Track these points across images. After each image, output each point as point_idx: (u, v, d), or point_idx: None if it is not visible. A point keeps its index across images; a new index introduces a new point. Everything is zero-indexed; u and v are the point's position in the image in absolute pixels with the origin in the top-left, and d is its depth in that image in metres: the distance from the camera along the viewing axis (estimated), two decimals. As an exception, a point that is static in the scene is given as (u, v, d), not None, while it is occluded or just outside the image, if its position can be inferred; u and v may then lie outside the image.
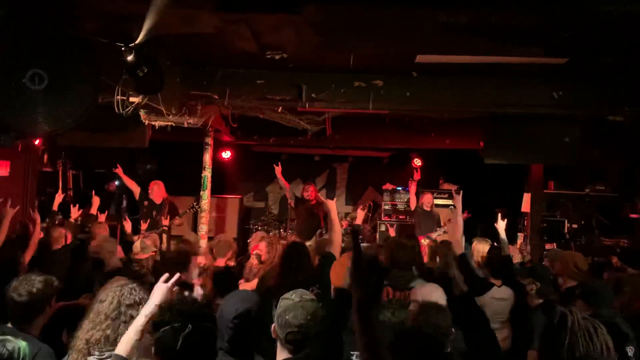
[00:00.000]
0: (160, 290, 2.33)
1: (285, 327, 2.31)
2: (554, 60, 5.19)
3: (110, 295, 2.51)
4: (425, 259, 5.64)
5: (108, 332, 2.42)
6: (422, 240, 7.29)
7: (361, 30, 4.48)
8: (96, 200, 6.89)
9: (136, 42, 4.10)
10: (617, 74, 5.51)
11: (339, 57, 5.36)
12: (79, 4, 4.00)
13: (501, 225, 5.00)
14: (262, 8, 4.01)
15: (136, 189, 7.84)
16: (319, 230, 6.49)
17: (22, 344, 2.65)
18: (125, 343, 2.27)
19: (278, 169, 7.98)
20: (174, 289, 2.35)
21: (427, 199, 8.52)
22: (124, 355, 2.25)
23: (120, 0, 3.90)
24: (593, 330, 2.16)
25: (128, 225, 6.50)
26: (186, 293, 3.03)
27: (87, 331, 2.46)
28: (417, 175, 9.19)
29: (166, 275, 2.39)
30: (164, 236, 7.29)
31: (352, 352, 2.66)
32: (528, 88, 5.89)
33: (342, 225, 7.27)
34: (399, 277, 3.78)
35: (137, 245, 4.63)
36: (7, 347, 2.43)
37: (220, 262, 5.05)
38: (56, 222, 6.44)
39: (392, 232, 8.36)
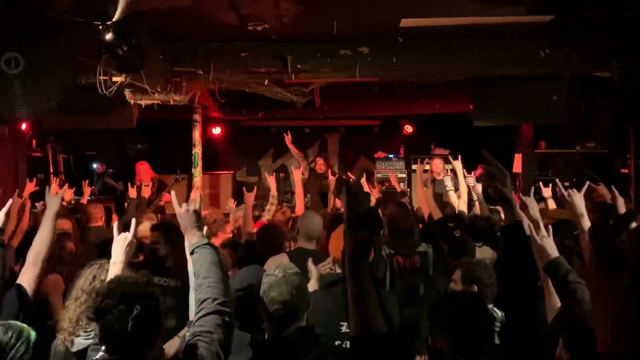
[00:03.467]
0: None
1: (271, 304, 2.25)
2: (538, 19, 5.14)
3: (87, 272, 2.61)
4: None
5: (85, 306, 2.47)
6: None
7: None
8: (87, 191, 6.82)
9: (113, 20, 4.03)
10: (602, 29, 5.47)
11: (323, 26, 5.28)
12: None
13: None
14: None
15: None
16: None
17: (26, 328, 2.67)
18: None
19: (288, 138, 7.60)
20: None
21: (436, 166, 7.35)
22: None
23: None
24: None
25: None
26: None
27: (68, 310, 2.54)
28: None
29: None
30: (158, 215, 7.30)
31: (341, 323, 2.63)
32: (514, 48, 5.84)
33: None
34: (406, 246, 3.85)
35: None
36: (8, 333, 2.45)
37: (221, 237, 5.08)
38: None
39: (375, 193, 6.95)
